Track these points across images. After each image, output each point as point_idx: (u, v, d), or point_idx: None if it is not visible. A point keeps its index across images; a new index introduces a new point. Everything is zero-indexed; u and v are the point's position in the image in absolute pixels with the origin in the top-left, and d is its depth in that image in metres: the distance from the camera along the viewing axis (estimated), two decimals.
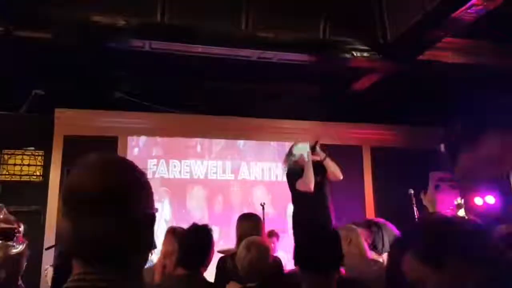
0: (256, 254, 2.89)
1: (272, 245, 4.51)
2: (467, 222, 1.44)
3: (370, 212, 7.36)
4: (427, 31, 4.99)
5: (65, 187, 1.13)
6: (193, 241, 3.08)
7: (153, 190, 1.19)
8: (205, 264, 3.08)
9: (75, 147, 6.38)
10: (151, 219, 1.16)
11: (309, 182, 4.61)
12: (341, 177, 4.90)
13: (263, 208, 5.21)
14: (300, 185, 4.69)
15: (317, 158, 4.81)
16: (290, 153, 4.96)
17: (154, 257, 4.02)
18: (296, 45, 5.52)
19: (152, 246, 1.20)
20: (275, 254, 3.61)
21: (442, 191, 7.08)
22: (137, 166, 1.20)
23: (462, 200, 6.23)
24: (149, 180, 1.19)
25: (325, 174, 4.86)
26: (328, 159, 4.86)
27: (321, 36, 5.50)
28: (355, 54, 5.60)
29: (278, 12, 5.36)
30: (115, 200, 1.09)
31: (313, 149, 4.87)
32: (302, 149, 4.90)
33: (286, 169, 4.98)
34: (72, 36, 5.12)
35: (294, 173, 4.84)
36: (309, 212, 4.64)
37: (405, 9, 5.16)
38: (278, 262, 3.42)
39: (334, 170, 4.87)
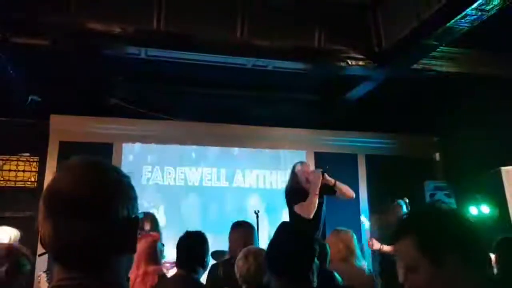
0: (254, 263, 2.92)
1: None
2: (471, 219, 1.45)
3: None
4: (422, 39, 5.02)
5: (47, 189, 1.10)
6: (185, 243, 3.36)
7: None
8: (200, 264, 3.32)
9: (70, 153, 6.29)
10: (134, 223, 1.13)
11: (310, 211, 4.60)
12: (354, 196, 5.05)
13: (257, 216, 5.19)
14: (299, 209, 4.66)
15: (330, 183, 4.83)
16: (293, 173, 4.95)
17: None
18: (291, 53, 5.54)
19: (135, 250, 1.15)
20: None
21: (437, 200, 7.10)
22: (120, 169, 1.18)
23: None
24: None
25: (331, 195, 4.91)
26: (338, 182, 4.90)
27: (316, 44, 5.54)
28: (350, 63, 5.61)
29: (273, 20, 5.39)
30: (96, 203, 1.07)
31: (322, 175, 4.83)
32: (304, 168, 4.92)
33: (288, 187, 4.96)
34: (68, 43, 5.13)
35: (294, 193, 4.82)
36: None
37: (401, 17, 5.20)
38: None
39: (346, 191, 4.95)
